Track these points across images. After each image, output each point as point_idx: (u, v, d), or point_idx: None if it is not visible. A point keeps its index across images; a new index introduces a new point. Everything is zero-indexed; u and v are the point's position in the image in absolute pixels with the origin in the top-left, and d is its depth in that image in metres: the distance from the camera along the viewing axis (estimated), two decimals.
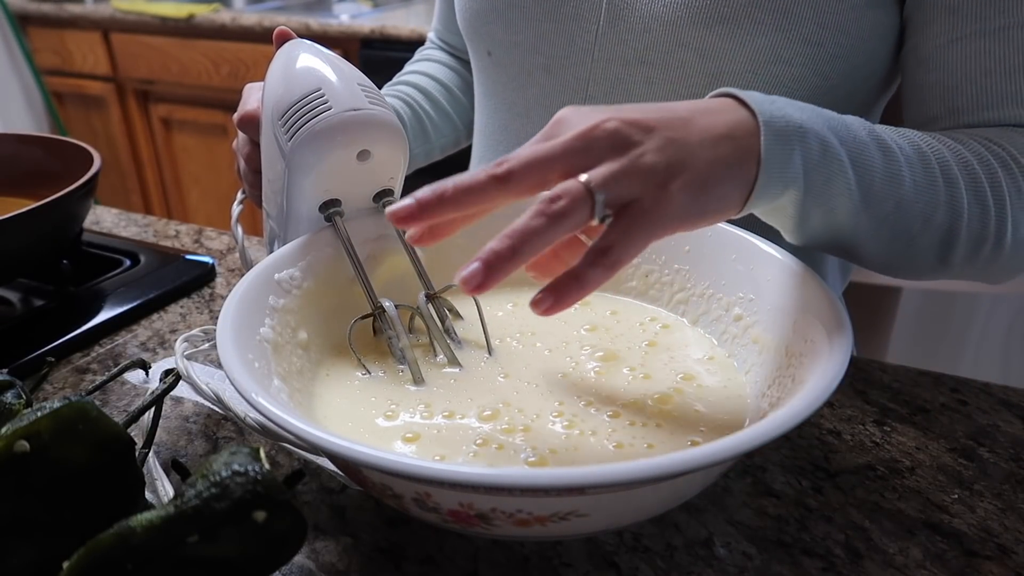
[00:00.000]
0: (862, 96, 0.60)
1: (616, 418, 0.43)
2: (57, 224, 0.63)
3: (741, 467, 0.47)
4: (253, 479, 0.32)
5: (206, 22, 1.96)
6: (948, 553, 0.41)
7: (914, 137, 0.47)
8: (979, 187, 0.47)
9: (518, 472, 0.30)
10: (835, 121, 0.43)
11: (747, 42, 0.56)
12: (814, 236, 0.46)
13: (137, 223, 0.86)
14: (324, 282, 0.50)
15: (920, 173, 0.46)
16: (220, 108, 2.07)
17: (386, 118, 0.49)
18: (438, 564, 0.41)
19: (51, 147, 0.74)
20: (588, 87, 0.63)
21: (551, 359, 0.49)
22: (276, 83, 0.51)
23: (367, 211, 0.53)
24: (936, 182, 0.46)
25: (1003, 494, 0.45)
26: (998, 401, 0.53)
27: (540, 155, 0.37)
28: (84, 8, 2.19)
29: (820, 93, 0.58)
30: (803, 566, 0.40)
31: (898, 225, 0.46)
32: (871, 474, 0.46)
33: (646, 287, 0.54)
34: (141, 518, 0.32)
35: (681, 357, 0.49)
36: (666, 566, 0.40)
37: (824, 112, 0.44)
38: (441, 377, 0.47)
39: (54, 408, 0.35)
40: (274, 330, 0.44)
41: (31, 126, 2.36)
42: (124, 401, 0.55)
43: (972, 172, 0.48)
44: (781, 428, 0.32)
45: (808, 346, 0.40)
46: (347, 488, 0.45)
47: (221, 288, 0.71)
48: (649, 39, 0.59)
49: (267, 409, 0.34)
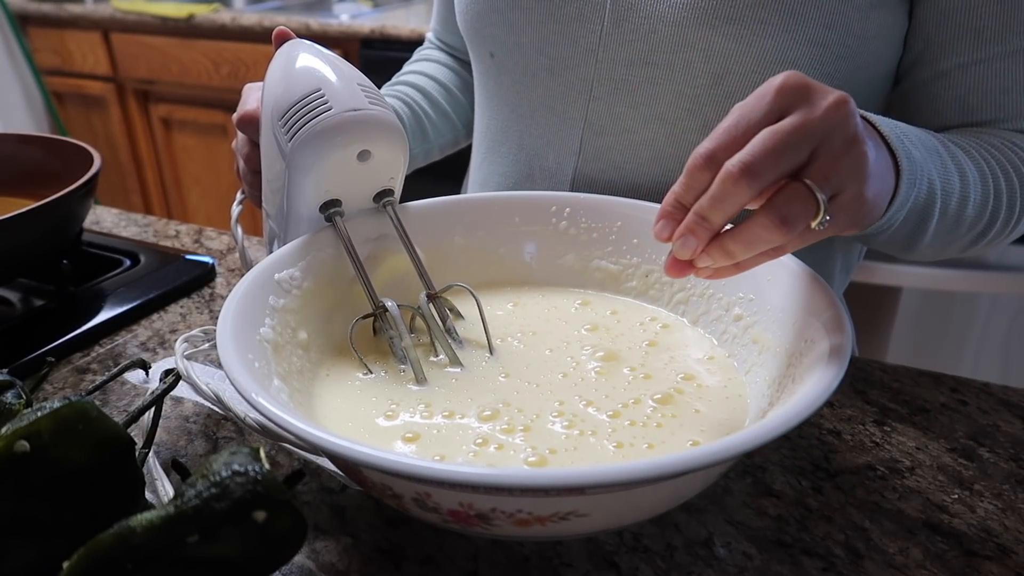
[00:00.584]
0: (865, 95, 0.60)
1: (616, 418, 0.43)
2: (57, 224, 0.63)
3: (741, 467, 0.47)
4: (253, 479, 0.32)
5: (206, 22, 1.96)
6: (948, 553, 0.41)
7: (975, 154, 0.54)
8: (1012, 198, 0.55)
9: (518, 472, 0.30)
10: (929, 146, 0.49)
11: (752, 43, 0.56)
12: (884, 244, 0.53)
13: (137, 223, 0.86)
14: (324, 282, 0.50)
15: (980, 193, 0.52)
16: (220, 108, 2.07)
17: (386, 118, 0.49)
18: (438, 564, 0.41)
19: (51, 147, 0.74)
20: (592, 88, 0.63)
21: (552, 359, 0.49)
22: (276, 83, 0.51)
23: (367, 211, 0.53)
24: (988, 199, 0.53)
25: (1003, 494, 0.45)
26: (998, 401, 0.53)
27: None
28: (84, 8, 2.19)
29: None
30: (803, 566, 0.40)
31: (951, 233, 0.53)
32: (871, 474, 0.46)
33: (646, 287, 0.54)
34: (141, 518, 0.32)
35: (681, 357, 0.49)
36: (666, 566, 0.40)
37: (922, 137, 0.49)
38: (441, 377, 0.47)
39: (54, 408, 0.35)
40: (274, 330, 0.44)
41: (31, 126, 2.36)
42: (124, 401, 0.55)
43: (1011, 184, 0.54)
44: (781, 428, 0.32)
45: (808, 346, 0.40)
46: (347, 488, 0.45)
47: (221, 288, 0.71)
48: (654, 40, 0.59)
49: (267, 409, 0.34)
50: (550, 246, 0.56)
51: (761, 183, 0.36)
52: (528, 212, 0.56)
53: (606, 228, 0.55)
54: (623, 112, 0.62)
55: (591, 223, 0.55)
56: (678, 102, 0.60)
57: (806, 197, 0.36)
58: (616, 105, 0.62)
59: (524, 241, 0.57)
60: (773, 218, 0.36)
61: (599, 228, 0.55)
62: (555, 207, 0.56)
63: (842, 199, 0.38)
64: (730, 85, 0.58)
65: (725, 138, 0.37)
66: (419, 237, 0.53)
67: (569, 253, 0.56)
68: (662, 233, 0.40)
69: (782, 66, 0.57)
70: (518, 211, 0.56)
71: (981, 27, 0.54)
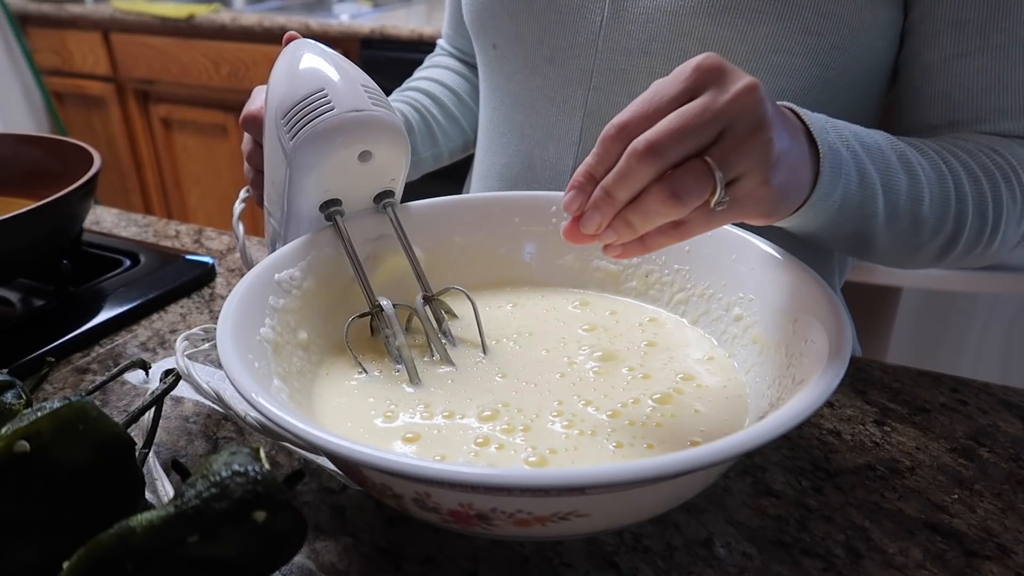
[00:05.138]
0: (862, 87, 0.61)
1: (616, 418, 0.43)
2: (57, 224, 0.63)
3: (741, 467, 0.47)
4: (253, 479, 0.32)
5: (206, 22, 1.96)
6: (948, 553, 0.41)
7: (933, 154, 0.52)
8: (983, 201, 0.53)
9: (518, 472, 0.30)
10: (868, 142, 0.48)
11: (748, 31, 0.57)
12: (830, 241, 0.51)
13: (137, 223, 0.86)
14: (324, 282, 0.50)
15: (937, 192, 0.51)
16: (220, 108, 2.06)
17: (388, 119, 0.49)
18: (438, 564, 0.41)
19: (51, 147, 0.74)
20: (592, 78, 0.63)
21: (548, 359, 0.49)
22: (280, 83, 0.51)
23: (368, 211, 0.53)
24: (949, 200, 0.52)
25: (1003, 494, 0.45)
26: (998, 401, 0.53)
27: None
28: (84, 8, 2.19)
29: (820, 83, 0.59)
30: (803, 566, 0.40)
31: (912, 236, 0.52)
32: (871, 474, 0.46)
33: (646, 287, 0.54)
34: (141, 518, 0.32)
35: (681, 357, 0.49)
36: (666, 566, 0.40)
37: (860, 133, 0.48)
38: (440, 377, 0.47)
39: (54, 408, 0.35)
40: (274, 330, 0.44)
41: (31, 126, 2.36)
42: (124, 401, 0.55)
43: (979, 187, 0.53)
44: (781, 428, 0.32)
45: (808, 346, 0.40)
46: (347, 488, 0.45)
47: (221, 288, 0.71)
48: (652, 30, 0.60)
49: (267, 409, 0.34)
50: (550, 246, 0.56)
51: (665, 162, 0.37)
52: (528, 212, 0.56)
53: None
54: (622, 101, 0.62)
55: None
56: None
57: (702, 173, 0.37)
58: (615, 94, 0.63)
59: (524, 241, 0.57)
60: (666, 190, 0.37)
61: None
62: (555, 207, 0.56)
63: (745, 183, 0.38)
64: None
65: (638, 112, 0.38)
66: (419, 237, 0.53)
67: (569, 253, 0.56)
68: (571, 205, 0.40)
69: (778, 55, 0.57)
70: (518, 211, 0.56)
71: (964, 20, 0.54)
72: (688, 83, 0.38)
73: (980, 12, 0.54)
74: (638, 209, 0.38)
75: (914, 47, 0.58)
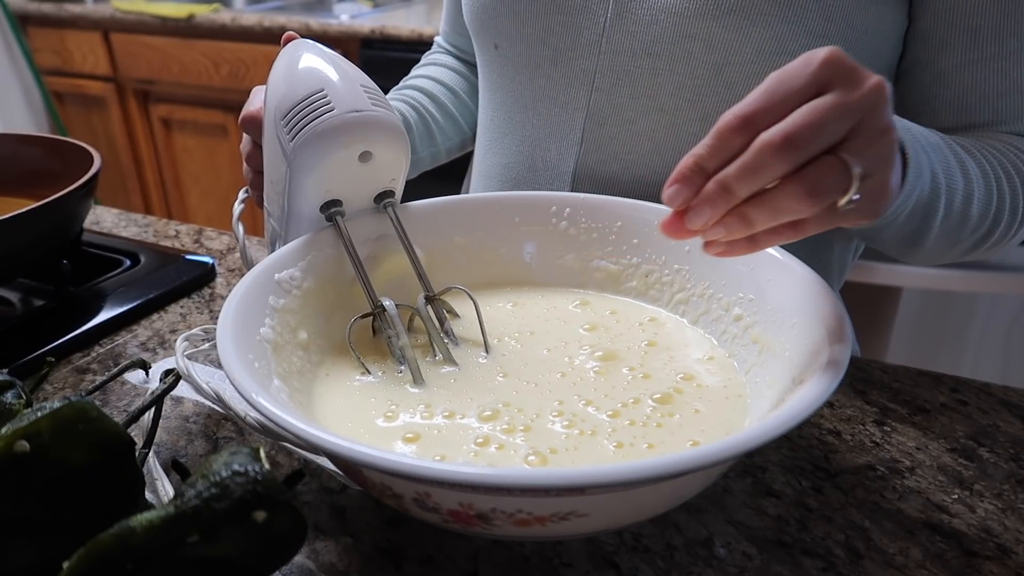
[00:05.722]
0: None
1: (616, 418, 0.43)
2: (57, 224, 0.63)
3: (741, 467, 0.47)
4: (253, 479, 0.32)
5: (206, 22, 1.96)
6: (948, 553, 0.41)
7: (976, 153, 0.53)
8: (1015, 200, 0.55)
9: (518, 472, 0.30)
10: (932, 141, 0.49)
11: (753, 34, 0.57)
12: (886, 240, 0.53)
13: (137, 223, 0.86)
14: (324, 282, 0.50)
15: (983, 191, 0.52)
16: (220, 108, 2.06)
17: (388, 120, 0.49)
18: (438, 564, 0.41)
19: (51, 147, 0.74)
20: (595, 79, 0.63)
21: (549, 358, 0.49)
22: (279, 83, 0.51)
23: (368, 211, 0.53)
24: (992, 199, 0.53)
25: (1003, 494, 0.45)
26: (998, 401, 0.53)
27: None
28: (84, 8, 2.19)
29: None
30: (803, 566, 0.40)
31: (955, 234, 0.53)
32: (871, 474, 0.46)
33: (646, 287, 0.54)
34: (141, 518, 0.32)
35: (681, 357, 0.49)
36: (666, 566, 0.40)
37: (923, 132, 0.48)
38: (441, 377, 0.47)
39: (54, 408, 0.35)
40: (274, 330, 0.44)
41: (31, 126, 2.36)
42: (124, 401, 0.55)
43: (1013, 186, 0.54)
44: (781, 428, 0.32)
45: (808, 346, 0.40)
46: (347, 488, 0.45)
47: (221, 288, 0.71)
48: (656, 31, 0.60)
49: (267, 409, 0.34)
50: (550, 246, 0.56)
51: (801, 156, 0.34)
52: (528, 212, 0.56)
53: (606, 228, 0.55)
54: (624, 103, 0.62)
55: (591, 223, 0.55)
56: (679, 93, 0.60)
57: (840, 170, 0.35)
58: (618, 96, 0.63)
59: (524, 241, 0.57)
60: (804, 187, 0.35)
61: (599, 228, 0.55)
62: (555, 207, 0.56)
63: (868, 183, 0.36)
64: (730, 76, 0.58)
65: (763, 103, 0.35)
66: (419, 237, 0.53)
67: (569, 253, 0.56)
68: (675, 199, 0.36)
69: (782, 57, 0.57)
70: (518, 211, 0.56)
71: (978, 26, 0.55)
72: (815, 77, 0.35)
73: (994, 17, 0.54)
74: (764, 205, 0.35)
75: (925, 52, 0.58)
